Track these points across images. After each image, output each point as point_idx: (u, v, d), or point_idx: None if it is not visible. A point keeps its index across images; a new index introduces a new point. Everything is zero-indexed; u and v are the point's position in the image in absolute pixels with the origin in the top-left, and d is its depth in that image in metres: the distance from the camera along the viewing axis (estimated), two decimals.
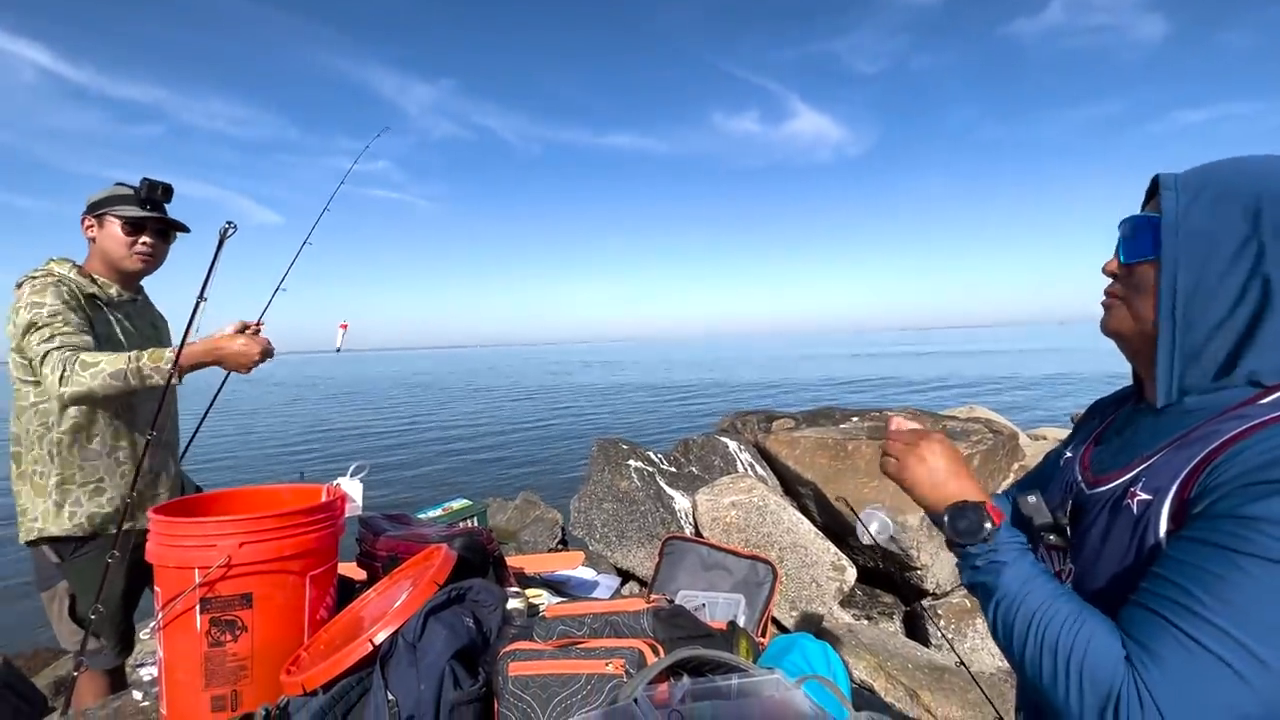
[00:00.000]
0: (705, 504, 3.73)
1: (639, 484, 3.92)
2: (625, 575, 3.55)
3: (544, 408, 22.42)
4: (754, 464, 4.69)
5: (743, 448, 4.82)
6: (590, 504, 3.85)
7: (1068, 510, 0.79)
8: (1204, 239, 0.67)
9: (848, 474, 4.22)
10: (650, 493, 3.89)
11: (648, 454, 4.35)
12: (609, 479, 3.96)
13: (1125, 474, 0.72)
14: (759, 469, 4.66)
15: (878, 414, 5.38)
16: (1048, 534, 0.79)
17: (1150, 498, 0.66)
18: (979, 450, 4.36)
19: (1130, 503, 0.69)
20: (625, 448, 4.27)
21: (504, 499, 5.23)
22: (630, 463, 4.09)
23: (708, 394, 24.94)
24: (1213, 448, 0.62)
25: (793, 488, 4.53)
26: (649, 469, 4.13)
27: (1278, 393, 0.64)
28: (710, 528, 3.64)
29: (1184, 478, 0.64)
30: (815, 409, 5.74)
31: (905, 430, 0.87)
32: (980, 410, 7.72)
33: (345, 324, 2.20)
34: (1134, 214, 0.77)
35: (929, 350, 62.66)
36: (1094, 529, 0.73)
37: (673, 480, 4.16)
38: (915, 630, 3.61)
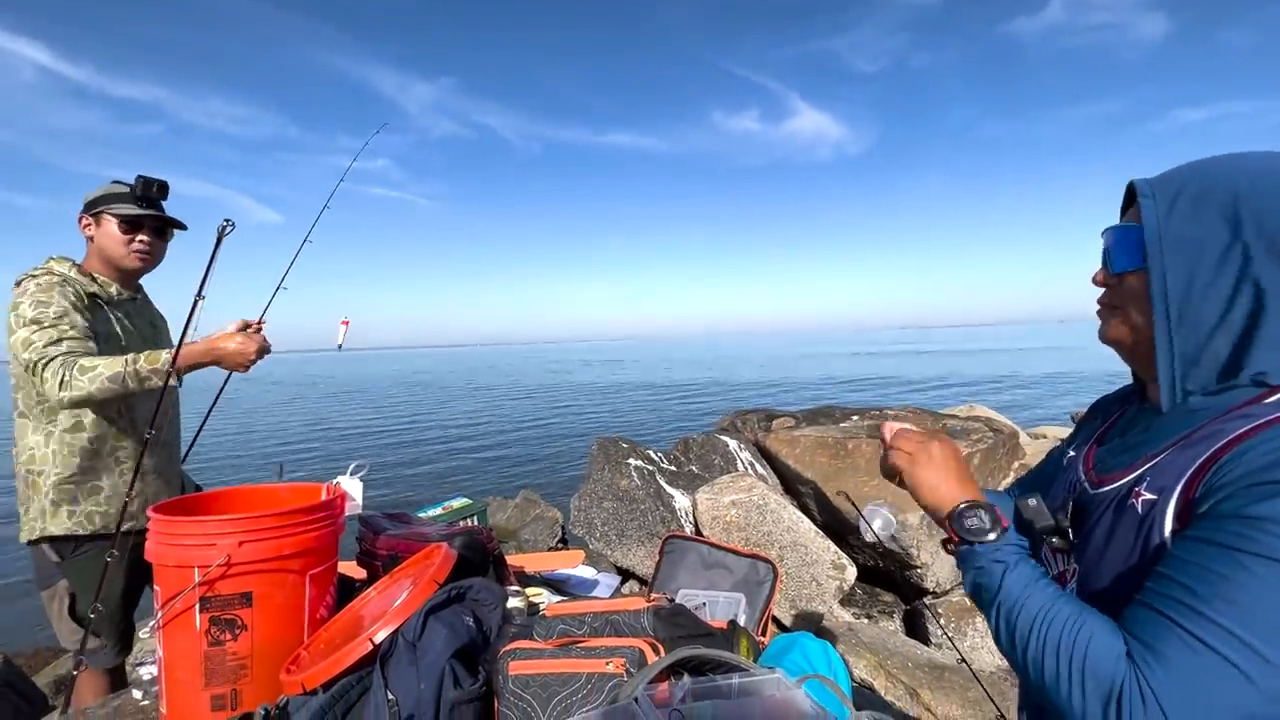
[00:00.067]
0: (705, 503, 3.73)
1: (639, 483, 3.92)
2: (625, 574, 3.56)
3: (544, 406, 22.42)
4: (754, 463, 4.70)
5: (743, 446, 4.82)
6: (590, 503, 3.85)
7: (1070, 511, 0.79)
8: (1188, 246, 0.67)
9: (848, 472, 4.22)
10: (650, 491, 3.89)
11: (648, 452, 4.35)
12: (609, 478, 3.96)
13: (1130, 473, 0.72)
14: (759, 468, 4.66)
15: (878, 412, 5.38)
16: (1050, 537, 0.79)
17: (1155, 497, 0.66)
18: (979, 449, 4.36)
19: (1135, 502, 0.68)
20: (625, 446, 4.27)
21: (504, 497, 5.23)
22: (630, 461, 4.09)
23: (708, 393, 24.95)
24: (1218, 447, 0.62)
25: (793, 486, 4.53)
26: (649, 468, 4.13)
27: None
28: (710, 526, 3.64)
29: (1189, 477, 0.63)
30: (815, 408, 5.74)
31: (914, 431, 0.87)
32: (980, 409, 7.72)
33: (347, 320, 2.20)
34: (1115, 224, 0.77)
35: (929, 349, 62.67)
36: (1098, 529, 0.73)
37: (673, 479, 4.16)
38: (915, 629, 3.61)
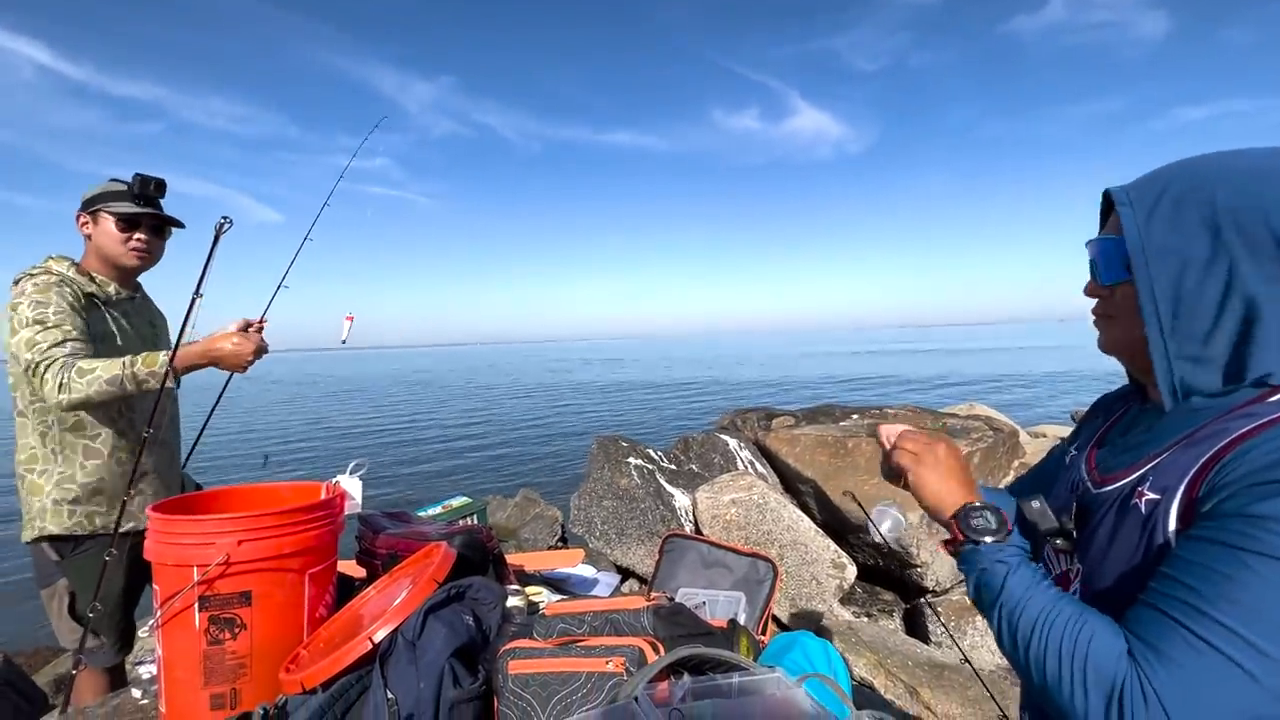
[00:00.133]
0: (705, 501, 3.73)
1: (639, 481, 3.91)
2: (625, 573, 3.55)
3: (544, 405, 22.42)
4: (754, 461, 4.70)
5: (743, 445, 4.82)
6: (590, 501, 3.85)
7: (1073, 512, 0.78)
8: (1171, 256, 0.67)
9: (848, 471, 4.22)
10: (650, 490, 3.89)
11: (648, 451, 4.35)
12: (609, 476, 3.96)
13: (1132, 473, 0.72)
14: (759, 466, 4.66)
15: (877, 411, 5.38)
16: (1053, 538, 0.79)
17: (1158, 497, 0.66)
18: (979, 447, 4.37)
19: (1138, 502, 0.68)
20: (625, 445, 4.27)
21: (504, 496, 5.23)
22: (630, 460, 4.09)
23: (708, 391, 24.95)
24: (1220, 446, 0.62)
25: (793, 485, 4.53)
26: (649, 466, 4.13)
27: None
28: (710, 525, 3.64)
29: (1192, 477, 0.63)
30: (815, 406, 5.74)
31: (919, 432, 0.88)
32: (980, 408, 7.72)
33: (351, 316, 2.20)
34: (1097, 236, 0.77)
35: (929, 348, 62.70)
36: (1101, 529, 0.73)
37: (673, 478, 4.16)
38: (915, 627, 3.61)
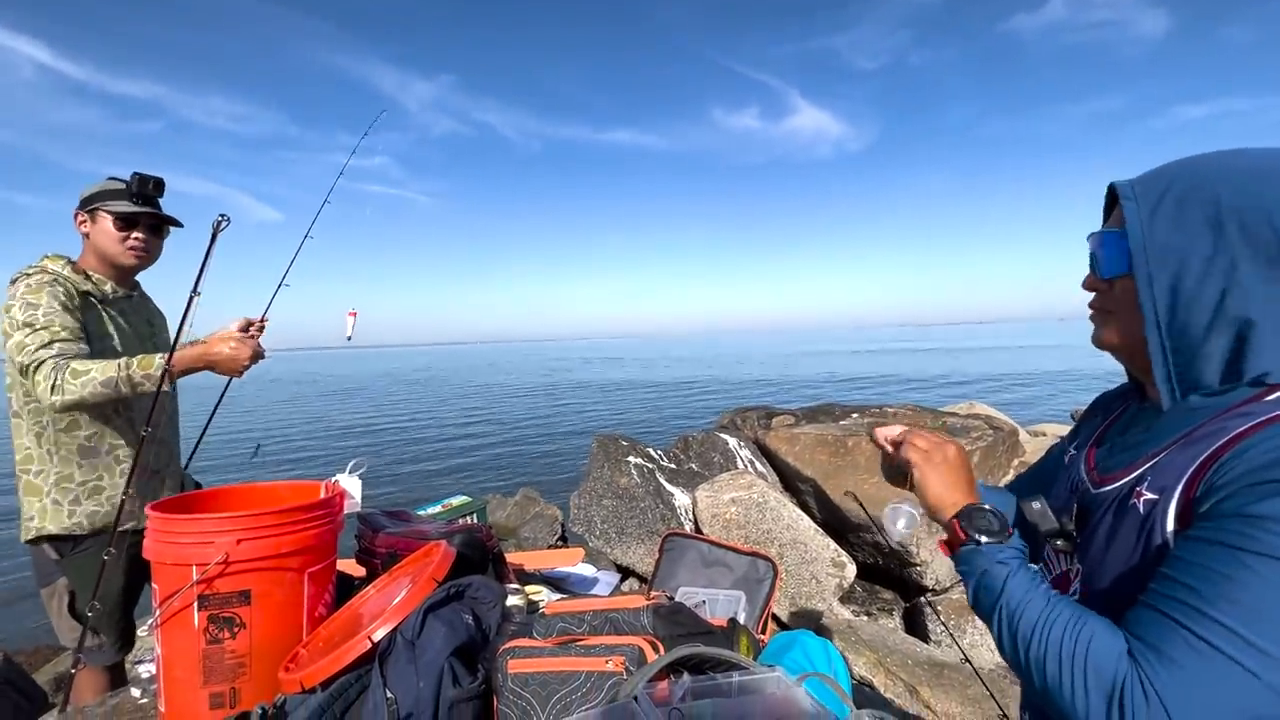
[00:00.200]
0: (705, 500, 3.73)
1: (639, 480, 3.91)
2: (625, 572, 3.56)
3: (544, 404, 22.43)
4: (754, 460, 4.70)
5: (742, 444, 4.82)
6: (590, 500, 3.85)
7: (1073, 513, 0.78)
8: (1173, 253, 0.67)
9: (847, 470, 4.22)
10: (650, 489, 3.89)
11: (647, 450, 4.35)
12: (609, 475, 3.96)
13: (1130, 473, 0.72)
14: (759, 465, 4.66)
15: (877, 410, 5.38)
16: (1054, 539, 0.79)
17: (1156, 497, 0.66)
18: (979, 446, 4.37)
19: (1136, 502, 0.68)
20: (625, 444, 4.27)
21: (503, 495, 5.23)
22: (630, 459, 4.09)
23: (708, 390, 24.96)
24: (1218, 446, 0.62)
25: (792, 484, 4.53)
26: (649, 465, 4.14)
27: None
28: (710, 524, 3.64)
29: (1189, 477, 0.63)
30: (815, 405, 5.74)
31: (929, 431, 0.89)
32: (980, 407, 7.72)
33: (354, 312, 2.18)
34: (1100, 230, 0.77)
35: (929, 346, 62.71)
36: (1100, 529, 0.73)
37: (672, 477, 4.16)
38: (915, 626, 3.61)
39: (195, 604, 1.17)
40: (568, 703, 0.96)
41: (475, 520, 3.02)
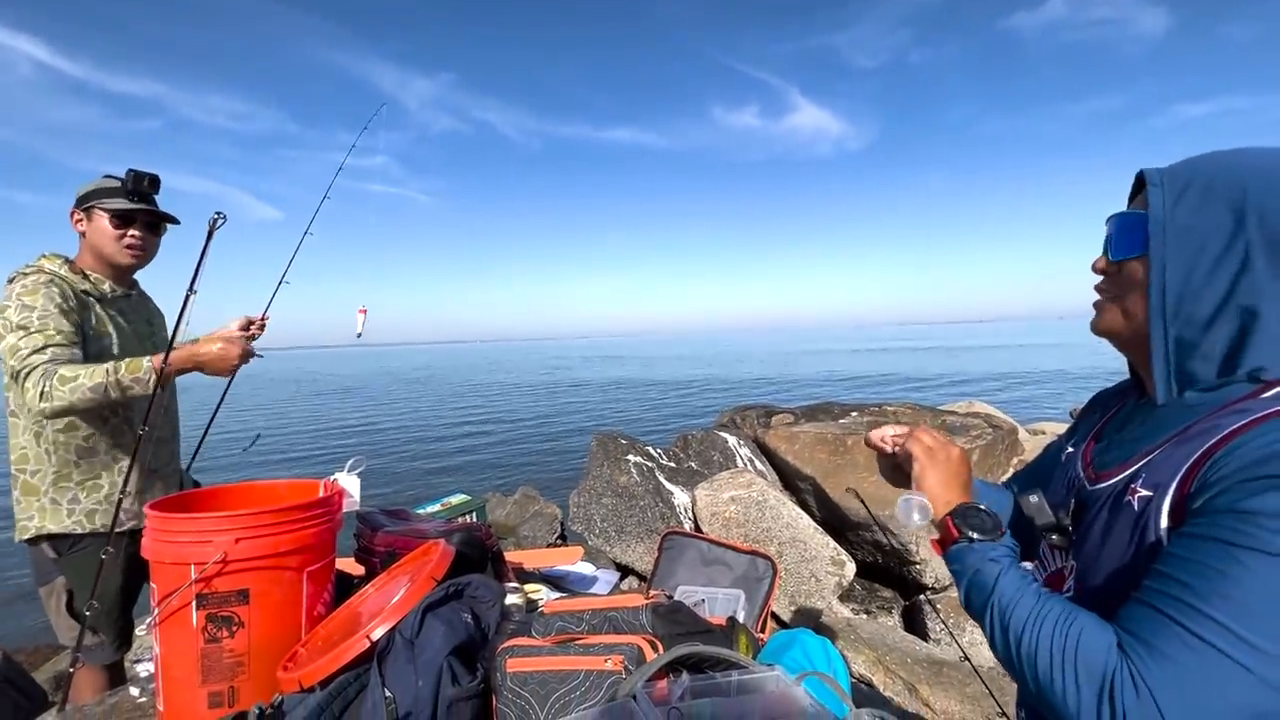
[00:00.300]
0: (704, 499, 3.73)
1: (638, 479, 3.91)
2: (624, 570, 3.56)
3: (544, 403, 22.43)
4: (753, 459, 4.70)
5: (742, 443, 4.82)
6: (589, 499, 3.85)
7: (1070, 509, 0.79)
8: (1191, 236, 0.67)
9: (847, 469, 4.22)
10: (649, 488, 3.89)
11: (647, 449, 4.36)
12: (608, 474, 3.96)
13: (1126, 470, 0.72)
14: (758, 464, 4.66)
15: (877, 409, 5.39)
16: (1050, 534, 0.79)
17: (1151, 494, 0.66)
18: (978, 445, 4.37)
19: (1131, 499, 0.68)
20: (624, 443, 4.27)
21: (503, 494, 5.24)
22: (629, 458, 4.09)
23: (707, 389, 24.96)
24: (1212, 443, 0.62)
25: (792, 483, 4.53)
26: (648, 464, 4.14)
27: (1279, 387, 0.63)
28: (710, 523, 3.64)
29: (1184, 474, 0.63)
30: (814, 404, 5.74)
31: (934, 431, 0.89)
32: (979, 405, 7.72)
33: (364, 309, 2.15)
34: (1121, 210, 0.77)
35: (929, 345, 62.74)
36: (1095, 526, 0.73)
37: (672, 475, 4.16)
38: (914, 624, 3.61)
39: (194, 603, 1.16)
40: (566, 702, 0.96)
41: (474, 519, 3.02)
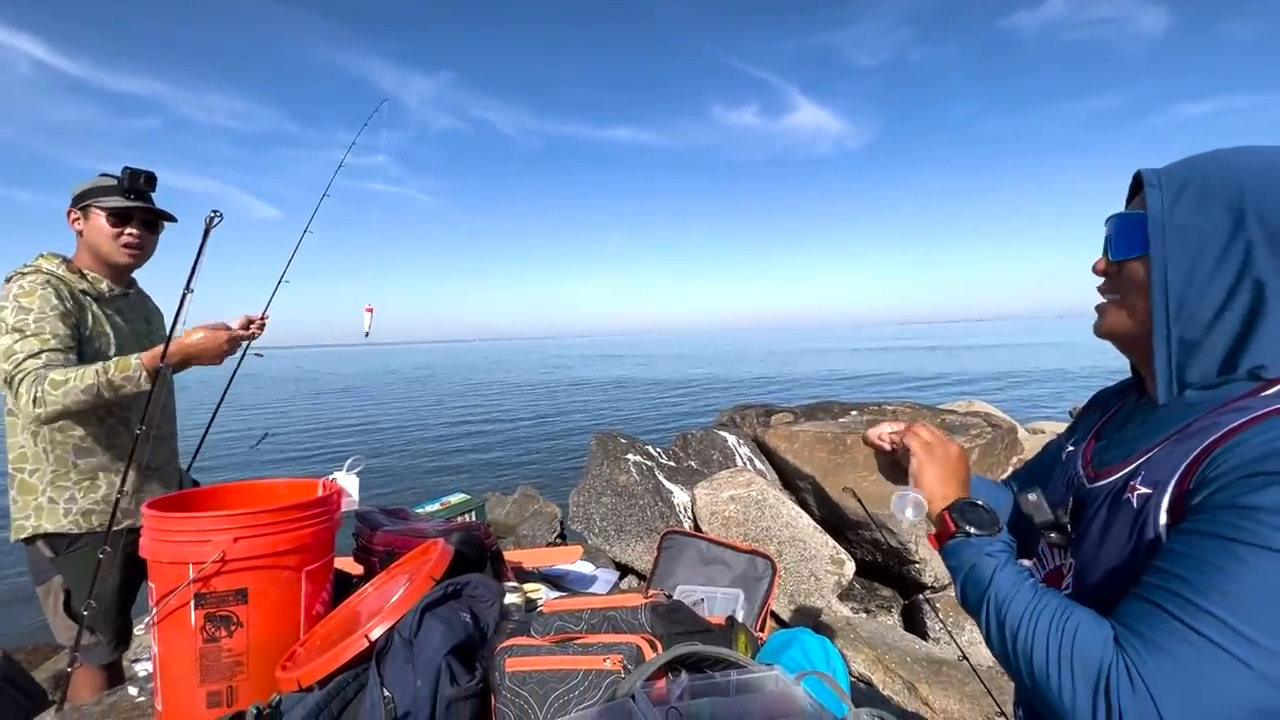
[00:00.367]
0: (704, 498, 3.73)
1: (638, 478, 3.91)
2: (624, 570, 3.56)
3: (543, 402, 22.43)
4: (753, 458, 4.70)
5: (742, 442, 4.82)
6: (589, 498, 3.85)
7: (1069, 507, 0.78)
8: (1190, 236, 0.68)
9: (846, 468, 4.22)
10: (649, 487, 3.89)
11: (646, 448, 4.36)
12: (608, 473, 3.96)
13: (1125, 467, 0.72)
14: (758, 463, 4.66)
15: (876, 408, 5.39)
16: (1049, 532, 0.79)
17: (1150, 491, 0.66)
18: (978, 444, 4.37)
19: (1130, 497, 0.68)
20: (624, 442, 4.27)
21: (502, 493, 5.23)
22: (629, 457, 4.09)
23: (707, 388, 24.97)
24: (1211, 440, 0.62)
25: (792, 482, 4.53)
26: (648, 463, 4.14)
27: (1279, 385, 0.63)
28: (709, 522, 3.64)
29: (1183, 471, 0.63)
30: (814, 403, 5.74)
31: (932, 426, 0.89)
32: (979, 404, 7.72)
33: (371, 307, 2.14)
34: (1120, 211, 0.77)
35: (929, 344, 62.77)
36: (1094, 523, 0.73)
37: (671, 474, 4.16)
38: (913, 623, 3.62)
39: (192, 602, 1.16)
40: (565, 701, 0.95)
41: (473, 518, 3.02)
